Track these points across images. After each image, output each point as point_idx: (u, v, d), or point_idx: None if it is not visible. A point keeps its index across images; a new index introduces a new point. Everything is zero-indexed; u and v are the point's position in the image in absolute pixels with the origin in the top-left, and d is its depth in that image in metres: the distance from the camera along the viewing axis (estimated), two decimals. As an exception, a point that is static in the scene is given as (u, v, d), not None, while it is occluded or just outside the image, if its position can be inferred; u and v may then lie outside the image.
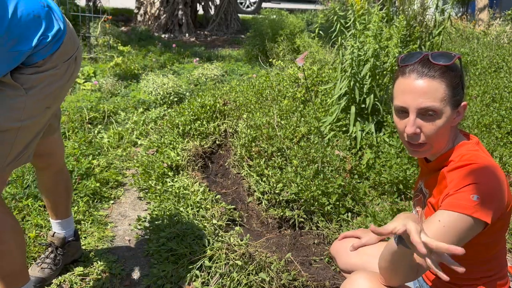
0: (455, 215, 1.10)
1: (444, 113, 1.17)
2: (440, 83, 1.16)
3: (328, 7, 7.26)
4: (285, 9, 7.57)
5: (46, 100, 1.46)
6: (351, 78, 2.74)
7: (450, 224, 1.09)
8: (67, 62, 1.49)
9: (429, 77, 1.16)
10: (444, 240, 1.08)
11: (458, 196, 1.12)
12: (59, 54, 1.45)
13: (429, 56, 1.19)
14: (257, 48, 5.85)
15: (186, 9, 8.01)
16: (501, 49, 5.17)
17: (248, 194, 2.70)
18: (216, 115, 3.42)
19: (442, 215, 1.11)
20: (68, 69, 1.50)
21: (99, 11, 5.89)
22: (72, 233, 2.00)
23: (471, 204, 1.09)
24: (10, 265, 1.54)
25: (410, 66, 1.20)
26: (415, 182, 1.45)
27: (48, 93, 1.45)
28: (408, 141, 1.21)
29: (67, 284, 1.90)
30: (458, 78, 1.19)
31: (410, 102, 1.17)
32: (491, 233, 1.18)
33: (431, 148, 1.21)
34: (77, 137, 3.17)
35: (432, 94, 1.15)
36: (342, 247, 1.61)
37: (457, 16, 8.29)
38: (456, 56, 1.19)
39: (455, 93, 1.18)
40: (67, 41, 1.47)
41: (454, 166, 1.18)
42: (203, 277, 1.91)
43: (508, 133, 3.07)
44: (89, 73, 4.72)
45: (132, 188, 2.75)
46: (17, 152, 1.44)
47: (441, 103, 1.16)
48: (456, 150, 1.22)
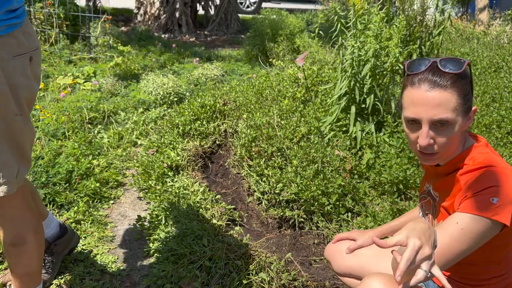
0: (474, 218, 1.09)
1: (456, 122, 1.16)
2: (452, 93, 1.14)
3: (328, 7, 7.26)
4: (285, 9, 7.57)
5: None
6: (351, 78, 2.74)
7: (468, 227, 1.09)
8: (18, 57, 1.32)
9: (441, 87, 1.14)
10: (461, 242, 1.09)
11: (477, 198, 1.11)
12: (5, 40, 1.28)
13: (437, 63, 1.17)
14: (257, 48, 5.85)
15: (186, 9, 8.01)
16: (501, 49, 5.17)
17: (248, 194, 2.70)
18: (216, 115, 3.42)
19: (460, 217, 1.11)
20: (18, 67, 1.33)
21: (99, 11, 5.89)
22: (55, 231, 1.92)
23: (491, 206, 1.09)
24: (29, 266, 1.56)
25: (419, 75, 1.17)
26: (421, 183, 1.44)
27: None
28: (420, 151, 1.21)
29: (67, 284, 1.90)
30: (468, 85, 1.18)
31: (423, 114, 1.15)
32: (504, 235, 1.18)
33: (442, 155, 1.21)
34: (77, 137, 3.16)
35: (445, 105, 1.14)
36: (337, 250, 1.57)
37: (457, 16, 8.29)
38: (466, 63, 1.17)
39: (466, 101, 1.17)
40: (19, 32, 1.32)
41: (468, 169, 1.17)
42: (203, 277, 1.90)
43: (508, 133, 3.07)
44: (89, 73, 4.71)
45: (132, 188, 2.75)
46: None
47: (453, 113, 1.14)
48: (467, 153, 1.21)
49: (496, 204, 1.09)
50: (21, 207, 1.47)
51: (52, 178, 2.54)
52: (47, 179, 2.52)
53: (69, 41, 5.62)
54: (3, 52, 1.27)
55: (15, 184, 1.36)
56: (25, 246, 1.50)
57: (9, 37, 1.29)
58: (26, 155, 1.41)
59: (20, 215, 1.48)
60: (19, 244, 1.49)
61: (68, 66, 5.00)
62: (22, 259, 1.53)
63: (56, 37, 5.50)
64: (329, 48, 5.25)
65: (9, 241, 1.49)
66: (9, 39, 1.29)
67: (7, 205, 1.43)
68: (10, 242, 1.49)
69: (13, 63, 1.30)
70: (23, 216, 1.49)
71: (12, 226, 1.47)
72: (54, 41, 5.48)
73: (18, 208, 1.47)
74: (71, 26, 5.82)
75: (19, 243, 1.49)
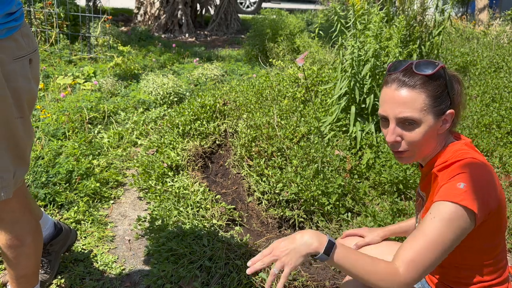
0: (444, 205, 1.10)
1: (424, 122, 1.18)
2: (419, 93, 1.17)
3: (328, 7, 7.26)
4: (285, 9, 7.57)
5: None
6: (351, 78, 2.74)
7: (440, 216, 1.09)
8: (18, 60, 1.32)
9: (409, 87, 1.18)
10: (435, 231, 1.08)
11: (446, 186, 1.13)
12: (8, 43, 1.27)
13: (413, 65, 1.21)
14: (257, 48, 5.85)
15: (186, 9, 8.01)
16: (501, 49, 5.17)
17: (248, 194, 2.70)
18: (216, 115, 3.42)
19: (433, 208, 1.12)
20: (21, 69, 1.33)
21: (99, 11, 5.89)
22: (50, 231, 1.92)
23: (457, 192, 1.09)
24: (27, 267, 1.55)
25: (393, 75, 1.22)
26: (417, 188, 1.46)
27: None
28: (391, 148, 1.25)
29: (67, 284, 1.90)
30: (441, 87, 1.20)
31: (390, 112, 1.20)
32: (487, 236, 1.18)
33: (414, 155, 1.23)
34: (77, 137, 3.17)
35: (410, 104, 1.17)
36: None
37: (457, 16, 8.29)
38: (440, 66, 1.19)
39: (438, 103, 1.19)
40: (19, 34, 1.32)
41: (443, 165, 1.19)
42: (203, 277, 1.91)
43: (508, 133, 3.07)
44: (89, 73, 4.71)
45: (132, 188, 2.75)
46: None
47: (420, 113, 1.17)
48: (444, 152, 1.23)
49: (463, 189, 1.09)
50: (19, 209, 1.47)
51: (52, 178, 2.54)
52: (47, 179, 2.52)
53: (69, 41, 5.63)
54: (4, 55, 1.26)
55: (12, 188, 1.35)
56: (23, 248, 1.49)
57: (9, 40, 1.28)
58: (24, 158, 1.41)
59: (19, 217, 1.47)
60: (17, 246, 1.49)
61: (68, 66, 5.00)
62: (20, 261, 1.52)
63: (56, 37, 5.50)
64: (329, 48, 5.25)
65: (6, 243, 1.47)
66: (9, 42, 1.28)
67: (6, 209, 1.42)
68: (8, 245, 1.48)
69: (14, 66, 1.29)
70: (22, 218, 1.48)
71: (11, 228, 1.46)
72: (54, 41, 5.48)
73: (16, 211, 1.46)
74: (71, 26, 5.82)
75: (18, 245, 1.48)
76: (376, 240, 1.55)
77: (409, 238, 1.13)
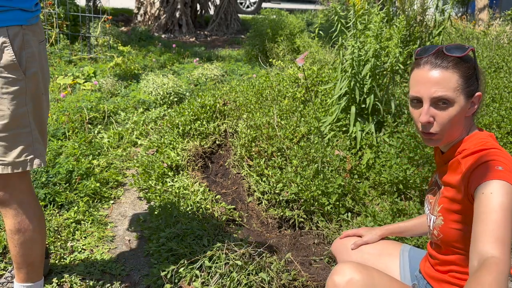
0: (494, 183, 1.08)
1: (457, 102, 1.20)
2: (452, 73, 1.20)
3: (328, 7, 7.26)
4: (285, 9, 7.57)
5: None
6: (351, 78, 2.74)
7: (496, 191, 1.07)
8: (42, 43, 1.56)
9: (442, 67, 1.20)
10: (508, 204, 1.05)
11: (483, 169, 1.11)
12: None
13: (443, 48, 1.24)
14: (257, 48, 5.85)
15: (186, 9, 8.01)
16: (501, 49, 5.17)
17: (248, 194, 2.70)
18: (216, 115, 3.42)
19: (484, 187, 1.09)
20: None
21: (99, 11, 5.89)
22: None
23: (500, 172, 1.09)
24: (33, 255, 1.61)
25: (424, 58, 1.24)
26: (430, 180, 1.46)
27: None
28: (422, 130, 1.25)
29: (67, 284, 1.90)
30: (471, 69, 1.23)
31: (424, 92, 1.21)
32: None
33: (442, 137, 1.24)
34: (77, 137, 3.17)
35: (445, 83, 1.19)
36: (343, 245, 1.62)
37: (457, 16, 8.29)
38: (470, 48, 1.23)
39: (469, 84, 1.22)
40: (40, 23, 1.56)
41: (469, 152, 1.20)
42: (203, 277, 1.90)
43: (508, 133, 3.07)
44: (89, 73, 4.71)
45: (132, 188, 2.75)
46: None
47: (454, 93, 1.19)
48: (469, 139, 1.25)
49: (503, 170, 1.10)
50: (28, 192, 1.56)
51: (52, 178, 2.54)
52: (47, 179, 2.52)
53: (69, 41, 5.62)
54: (35, 38, 1.50)
55: (45, 157, 1.54)
56: (31, 233, 1.56)
57: (37, 26, 1.52)
58: (45, 134, 1.58)
59: (26, 200, 1.55)
60: (25, 230, 1.56)
61: (68, 66, 5.00)
62: (28, 246, 1.58)
63: (56, 37, 5.50)
64: (329, 48, 5.25)
65: (14, 227, 1.55)
66: (36, 28, 1.51)
67: (18, 188, 1.52)
68: (15, 229, 1.55)
69: (40, 48, 1.53)
70: (29, 201, 1.56)
71: (18, 211, 1.54)
72: (54, 41, 5.48)
73: (25, 193, 1.55)
74: (71, 26, 5.82)
75: (26, 229, 1.55)
76: (374, 239, 1.57)
77: (476, 225, 1.07)
